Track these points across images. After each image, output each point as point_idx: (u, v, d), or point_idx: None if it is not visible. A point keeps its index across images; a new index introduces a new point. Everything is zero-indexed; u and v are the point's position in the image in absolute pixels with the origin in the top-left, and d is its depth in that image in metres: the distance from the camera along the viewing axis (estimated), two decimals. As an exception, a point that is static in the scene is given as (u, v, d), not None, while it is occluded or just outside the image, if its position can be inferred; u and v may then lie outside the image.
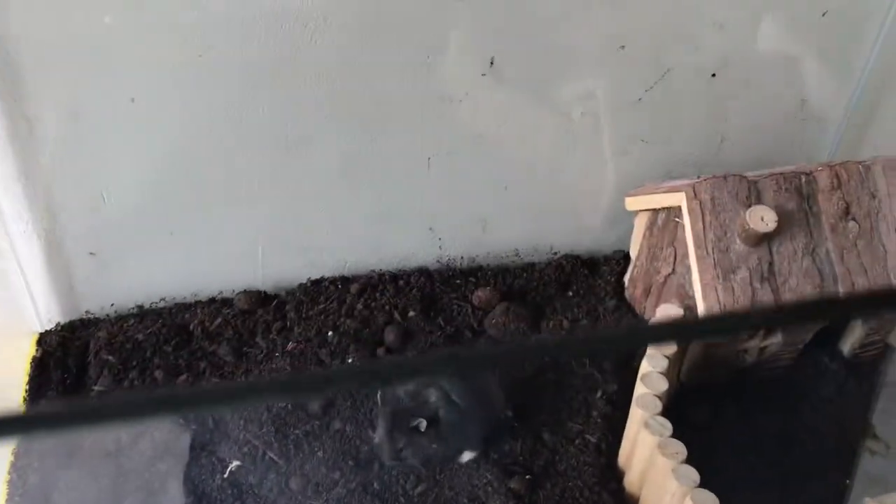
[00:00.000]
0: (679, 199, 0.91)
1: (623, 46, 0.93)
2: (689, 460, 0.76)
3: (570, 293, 1.06)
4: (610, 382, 0.92)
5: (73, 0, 0.75)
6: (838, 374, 0.98)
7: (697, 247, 0.88)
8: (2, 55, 0.76)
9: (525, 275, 1.07)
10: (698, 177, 0.92)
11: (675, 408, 0.95)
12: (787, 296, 0.88)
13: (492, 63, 0.90)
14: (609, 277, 1.07)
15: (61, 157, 0.84)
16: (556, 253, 1.10)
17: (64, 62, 0.79)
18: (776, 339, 0.94)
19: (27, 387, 0.89)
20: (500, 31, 0.89)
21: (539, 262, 1.09)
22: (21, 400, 0.88)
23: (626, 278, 1.06)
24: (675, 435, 0.79)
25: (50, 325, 0.96)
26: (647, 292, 1.02)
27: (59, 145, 0.84)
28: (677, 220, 0.93)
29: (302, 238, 1.00)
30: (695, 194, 0.89)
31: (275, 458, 0.84)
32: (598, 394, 0.92)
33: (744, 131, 1.04)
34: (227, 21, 0.80)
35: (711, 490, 0.73)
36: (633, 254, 1.05)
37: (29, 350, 0.96)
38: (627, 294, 1.05)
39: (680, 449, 0.76)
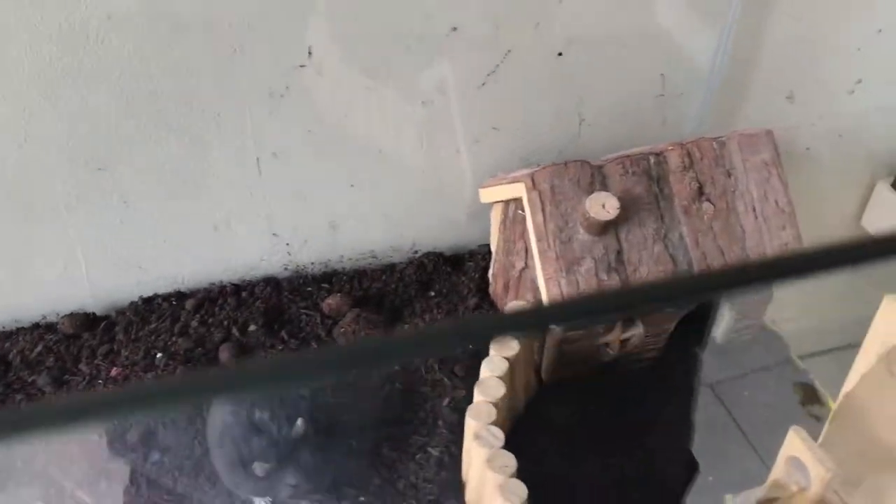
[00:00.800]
0: (519, 190, 0.85)
1: (455, 28, 0.86)
2: (543, 465, 0.70)
3: (433, 293, 1.00)
4: (459, 388, 0.86)
5: None
6: (708, 363, 0.93)
7: (539, 239, 0.82)
8: None
9: (384, 277, 1.00)
10: (538, 164, 0.86)
11: (536, 409, 0.90)
12: (639, 286, 0.82)
13: (309, 53, 0.83)
14: (473, 274, 1.01)
15: None
16: (416, 251, 1.03)
17: None
18: (637, 331, 0.88)
19: None
20: (316, 17, 0.82)
21: (399, 262, 1.02)
22: None
23: (490, 274, 1.00)
24: (529, 440, 0.73)
25: None
26: (506, 288, 0.96)
27: None
28: (521, 211, 0.87)
29: (131, 254, 0.92)
30: (534, 184, 0.83)
31: (85, 498, 0.77)
32: (446, 401, 0.85)
33: (602, 113, 0.98)
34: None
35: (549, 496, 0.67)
36: (493, 248, 0.99)
37: None
38: (491, 291, 0.99)
39: (509, 462, 0.70)
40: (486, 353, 0.79)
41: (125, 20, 0.75)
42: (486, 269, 1.01)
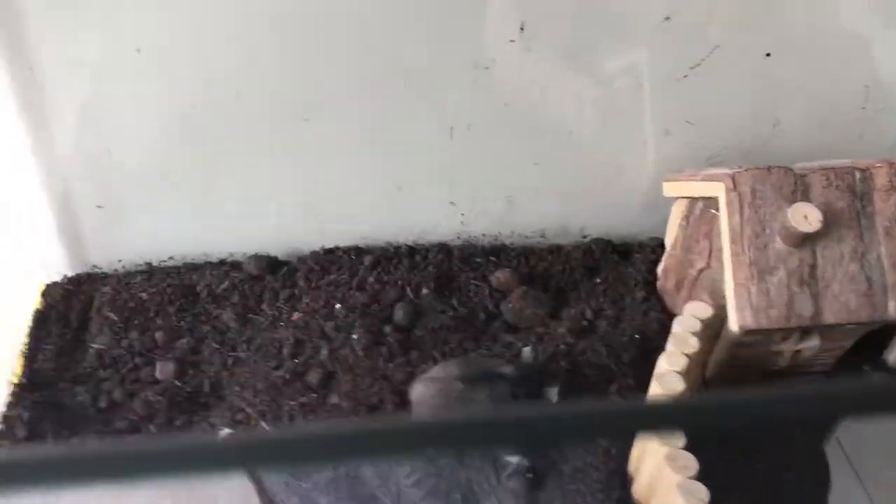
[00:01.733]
0: (717, 189, 0.84)
1: (668, 18, 0.85)
2: (702, 474, 0.70)
3: (598, 280, 1.00)
4: (626, 375, 0.86)
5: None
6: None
7: (733, 242, 0.81)
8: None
9: (550, 257, 1.01)
10: (740, 166, 0.84)
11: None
12: (829, 302, 0.80)
13: (522, 28, 0.83)
14: (641, 266, 1.01)
15: (65, 107, 0.81)
16: (586, 236, 1.03)
17: (66, 4, 0.75)
18: (813, 343, 0.86)
19: (27, 340, 0.87)
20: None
21: (567, 244, 1.03)
22: (20, 354, 0.86)
23: (660, 269, 0.99)
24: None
25: (56, 277, 0.95)
26: (679, 286, 0.95)
27: (62, 94, 0.81)
28: (714, 211, 0.86)
29: (318, 204, 0.95)
30: (734, 185, 0.82)
31: (266, 428, 0.81)
32: (614, 387, 0.86)
33: (798, 119, 0.95)
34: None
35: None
36: (667, 243, 0.98)
37: (34, 300, 0.94)
38: (659, 285, 0.99)
39: (690, 463, 0.70)
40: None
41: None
42: (655, 262, 1.01)
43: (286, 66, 0.83)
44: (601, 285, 0.99)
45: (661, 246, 1.01)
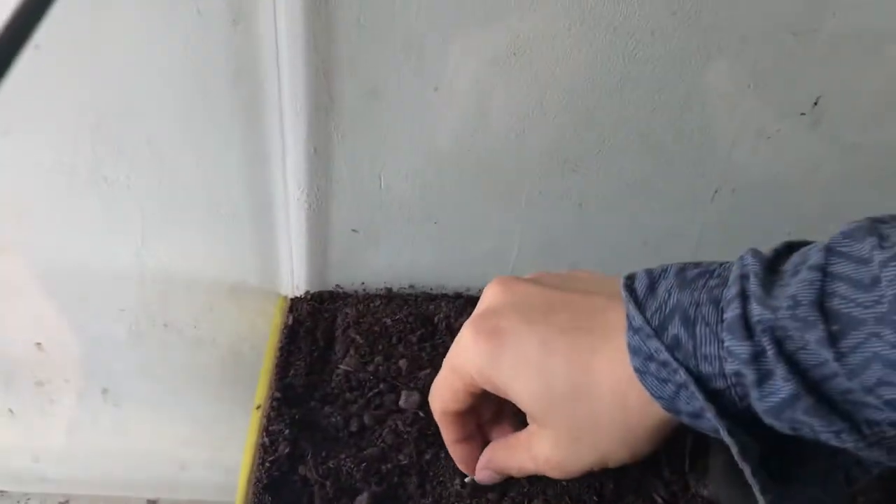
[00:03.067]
0: None
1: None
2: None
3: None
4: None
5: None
6: None
7: None
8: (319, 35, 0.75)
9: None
10: None
11: None
12: None
13: (816, 103, 0.82)
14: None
15: (352, 135, 0.83)
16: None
17: (374, 41, 0.77)
18: None
19: (277, 353, 0.89)
20: (829, 68, 0.80)
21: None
22: (268, 366, 0.88)
23: None
24: None
25: (299, 293, 0.97)
26: None
27: (353, 122, 0.83)
28: None
29: (558, 249, 0.96)
30: None
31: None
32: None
33: None
34: (545, 22, 0.76)
35: None
36: None
37: (275, 312, 0.97)
38: None
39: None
40: None
41: (665, 43, 0.77)
42: None
43: (565, 119, 0.83)
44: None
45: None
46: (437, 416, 0.69)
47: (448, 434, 0.70)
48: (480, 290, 0.98)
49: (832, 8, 0.75)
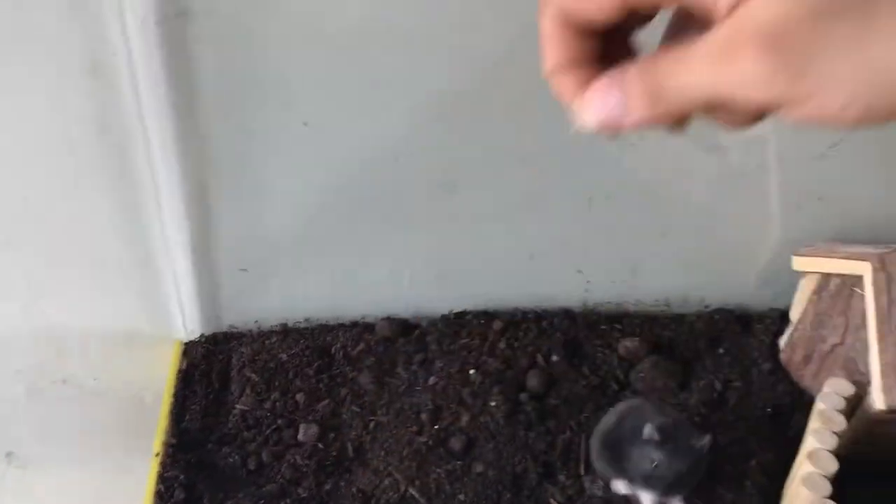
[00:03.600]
0: (861, 268, 0.85)
1: (812, 99, 0.87)
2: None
3: (721, 351, 1.00)
4: (766, 450, 0.87)
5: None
6: None
7: (880, 322, 0.82)
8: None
9: (674, 326, 1.02)
10: (887, 246, 0.85)
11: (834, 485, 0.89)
12: (978, 385, 0.81)
13: (671, 108, 0.85)
14: (762, 337, 1.01)
15: (229, 175, 0.84)
16: (707, 306, 1.04)
17: (238, 79, 0.78)
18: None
19: (172, 399, 0.89)
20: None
21: (689, 314, 1.03)
22: (164, 412, 0.88)
23: (783, 341, 1.00)
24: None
25: (193, 336, 0.96)
26: (807, 360, 0.95)
27: (227, 162, 0.83)
28: (856, 289, 0.87)
29: (449, 270, 0.97)
30: (882, 265, 0.83)
31: (415, 495, 0.82)
32: (753, 462, 0.86)
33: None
34: (406, 50, 0.78)
35: None
36: (793, 316, 0.99)
37: (171, 357, 0.96)
38: (783, 358, 0.99)
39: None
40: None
41: (523, 62, 0.80)
42: (777, 334, 1.01)
43: (439, 141, 0.85)
44: (725, 356, 0.99)
45: (782, 318, 1.02)
46: (546, 24, 0.40)
47: (555, 52, 0.40)
48: (377, 317, 1.00)
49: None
